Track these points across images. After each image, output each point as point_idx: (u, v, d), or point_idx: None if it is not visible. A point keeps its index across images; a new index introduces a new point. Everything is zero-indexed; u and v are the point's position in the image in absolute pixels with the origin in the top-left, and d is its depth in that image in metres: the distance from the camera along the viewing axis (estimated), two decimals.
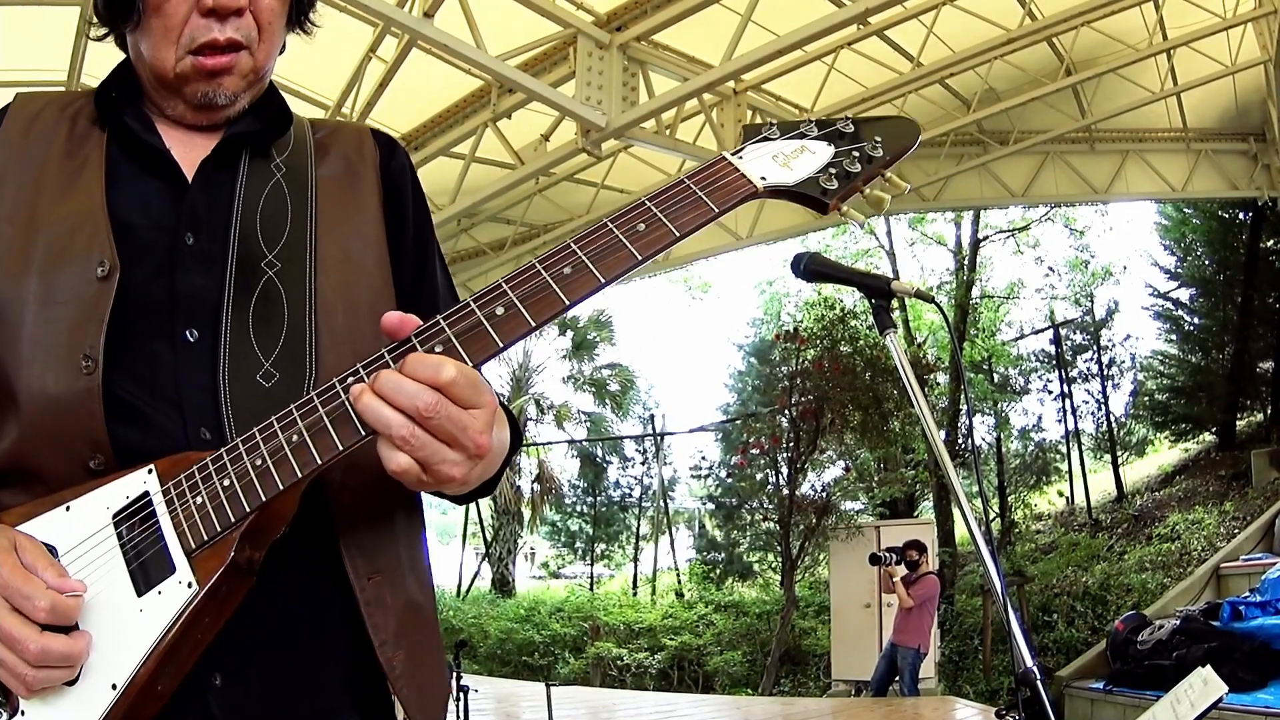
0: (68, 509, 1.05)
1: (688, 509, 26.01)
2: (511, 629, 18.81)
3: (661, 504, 23.96)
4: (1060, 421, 20.60)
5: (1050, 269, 21.49)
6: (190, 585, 1.00)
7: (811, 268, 2.19)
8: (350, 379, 1.02)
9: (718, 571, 21.34)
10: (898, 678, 10.39)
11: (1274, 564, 9.53)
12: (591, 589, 22.81)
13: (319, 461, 1.00)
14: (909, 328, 19.70)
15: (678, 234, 1.05)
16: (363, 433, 1.00)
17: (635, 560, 24.44)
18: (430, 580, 1.27)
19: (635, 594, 21.93)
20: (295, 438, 1.01)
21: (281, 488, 1.01)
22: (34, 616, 0.96)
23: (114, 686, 0.99)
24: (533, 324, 1.02)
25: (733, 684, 16.01)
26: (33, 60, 8.16)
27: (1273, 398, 17.22)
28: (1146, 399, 20.62)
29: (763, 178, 1.09)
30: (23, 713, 1.00)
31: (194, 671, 1.04)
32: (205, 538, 1.02)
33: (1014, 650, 1.68)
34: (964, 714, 9.35)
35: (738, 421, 20.22)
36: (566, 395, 24.39)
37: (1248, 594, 9.41)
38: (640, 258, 1.04)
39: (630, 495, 25.78)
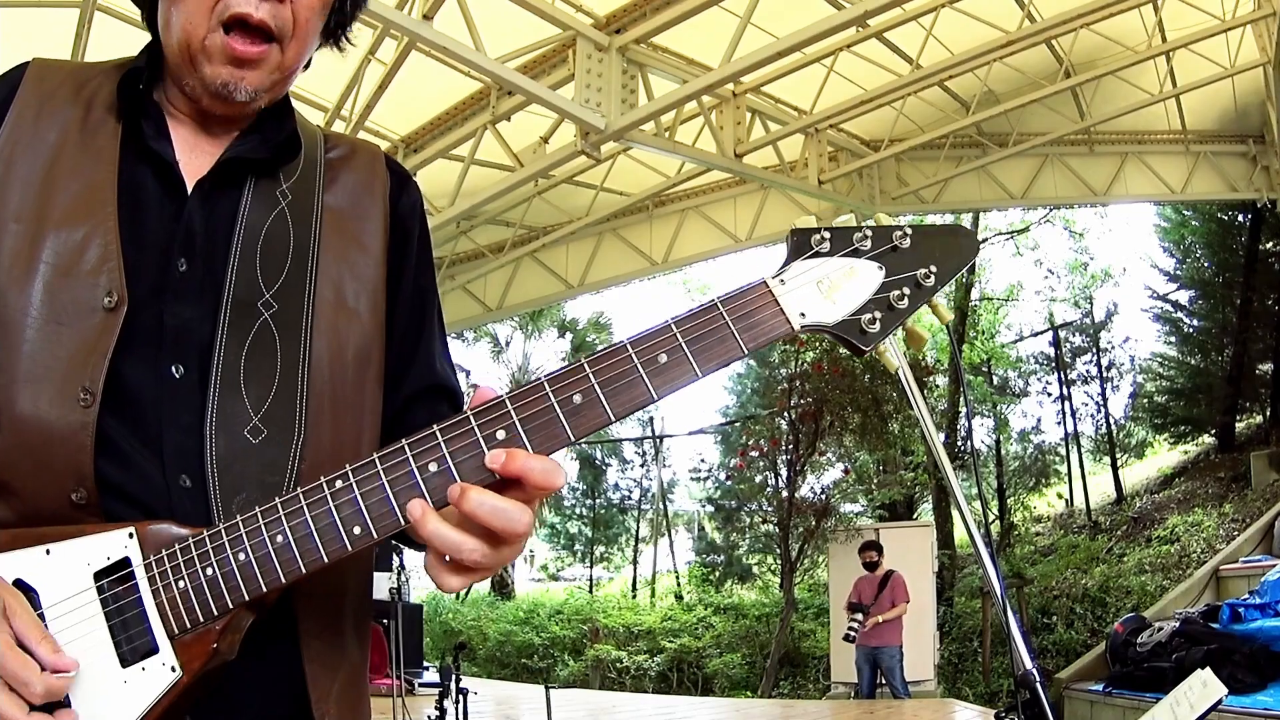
0: (48, 552, 1.02)
1: (687, 511, 26.04)
2: (511, 631, 18.81)
3: (661, 506, 23.98)
4: (1059, 424, 20.66)
5: (1049, 271, 21.56)
6: (174, 670, 0.99)
7: None
8: (363, 468, 0.97)
9: (717, 574, 21.35)
10: (882, 680, 10.45)
11: (1273, 566, 9.52)
12: (591, 591, 22.83)
13: (302, 570, 0.98)
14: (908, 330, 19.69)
15: (700, 374, 0.98)
16: (375, 536, 0.98)
17: (634, 563, 24.47)
18: (369, 636, 1.24)
19: (634, 596, 21.95)
20: (280, 538, 0.98)
21: (265, 589, 0.99)
22: (29, 699, 0.94)
23: None
24: (573, 438, 0.98)
25: (732, 686, 16.02)
26: None
27: (1272, 400, 17.23)
28: (1146, 401, 20.64)
29: (802, 314, 1.01)
30: None
31: None
32: (188, 625, 1.00)
33: (1013, 652, 1.68)
34: (963, 716, 9.35)
35: (737, 424, 20.24)
36: None
37: (1247, 596, 9.40)
38: (656, 397, 0.98)
39: (629, 498, 25.80)
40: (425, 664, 12.07)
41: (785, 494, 13.25)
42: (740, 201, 12.70)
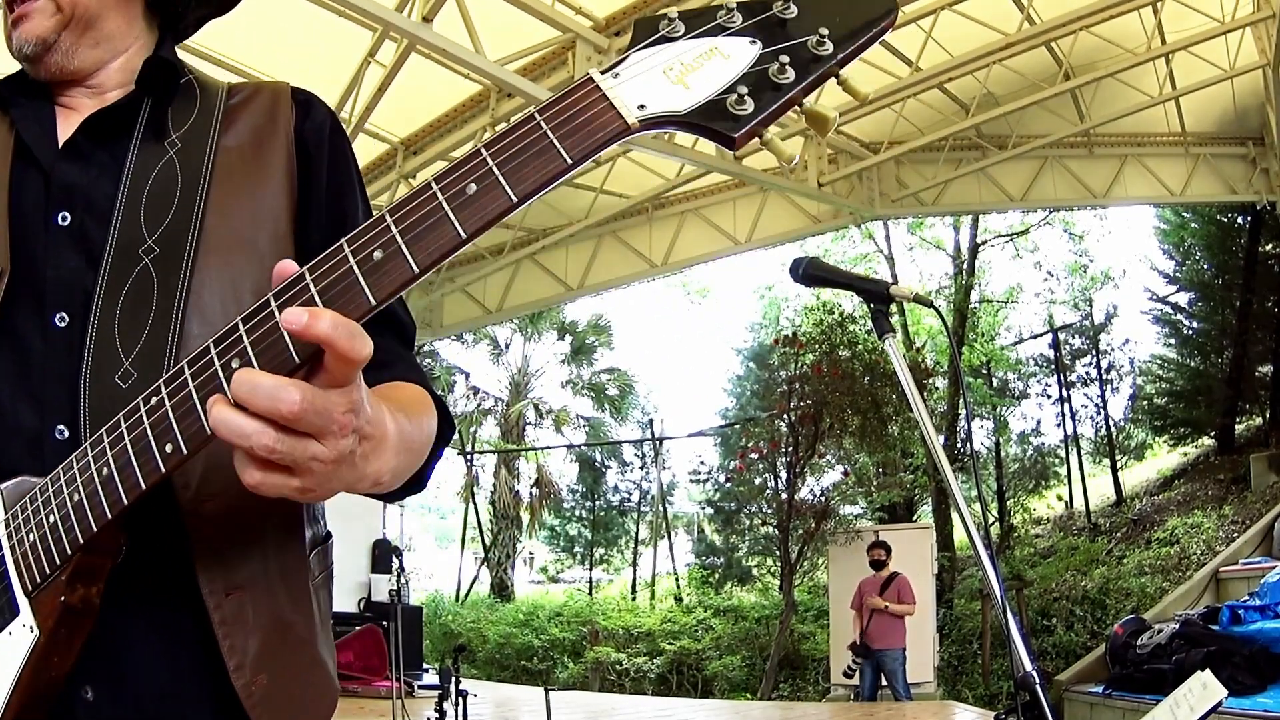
0: None
1: (686, 513, 26.00)
2: (510, 633, 18.79)
3: (660, 508, 23.95)
4: (1059, 426, 20.64)
5: (1049, 273, 21.56)
6: (32, 630, 0.96)
7: (810, 272, 2.19)
8: (173, 379, 0.89)
9: (716, 576, 21.34)
10: (883, 683, 10.45)
11: (1273, 568, 9.53)
12: (590, 593, 22.80)
13: (124, 501, 0.91)
14: (908, 332, 19.71)
15: (514, 198, 0.81)
16: (185, 450, 0.88)
17: (634, 565, 24.44)
18: (309, 596, 1.16)
19: (634, 598, 21.92)
20: (104, 471, 0.92)
21: (95, 528, 0.93)
22: None
23: None
24: (374, 301, 0.83)
25: (731, 688, 16.00)
26: None
27: (1271, 402, 17.23)
28: (1145, 403, 20.63)
29: (641, 105, 0.82)
30: None
31: (65, 688, 1.01)
32: (39, 580, 0.96)
33: (1013, 654, 1.68)
34: (963, 718, 9.35)
35: (736, 426, 20.23)
36: (565, 400, 24.41)
37: (1247, 598, 9.41)
38: (464, 234, 0.82)
39: (629, 500, 25.77)
40: (425, 666, 12.07)
41: (785, 496, 13.24)
42: (740, 204, 12.71)
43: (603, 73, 0.83)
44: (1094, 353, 20.85)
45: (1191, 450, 19.07)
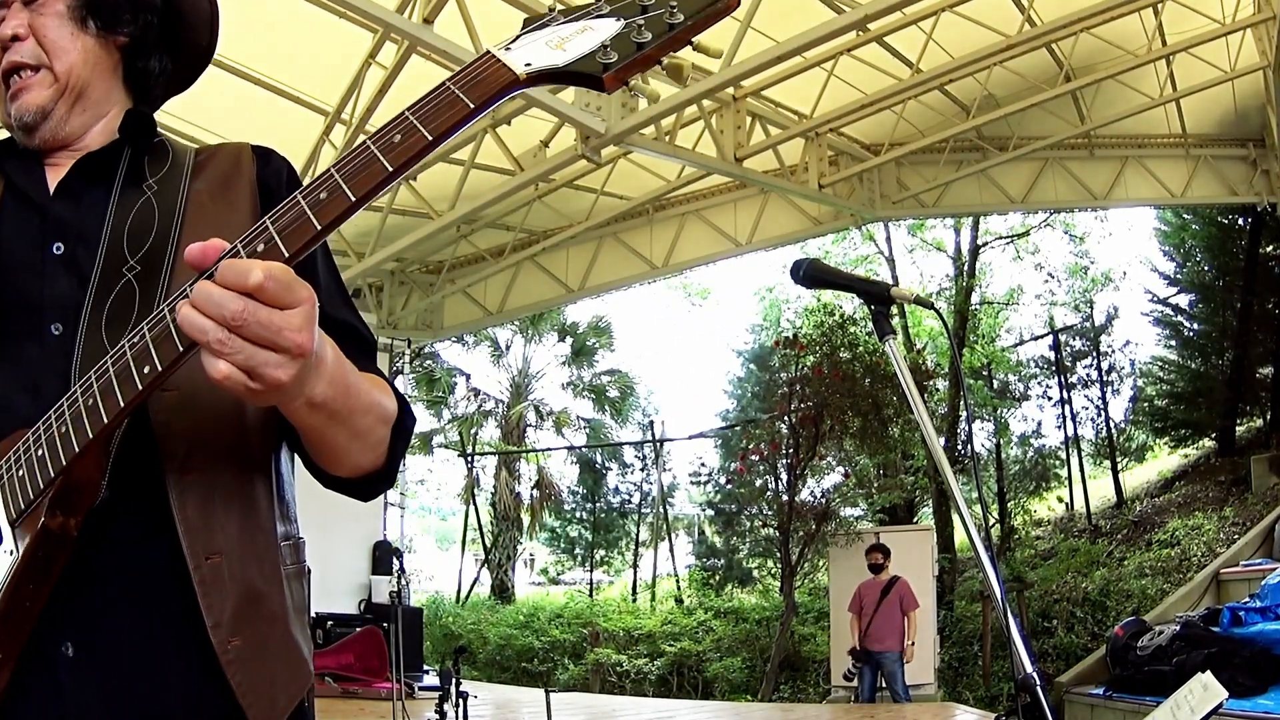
0: None
1: (687, 515, 26.01)
2: (511, 635, 18.78)
3: (661, 510, 23.95)
4: (1060, 427, 20.63)
5: (1050, 275, 21.54)
6: (11, 553, 1.09)
7: (811, 274, 2.19)
8: (154, 319, 1.06)
9: (717, 578, 21.33)
10: (882, 684, 10.46)
11: (1274, 569, 9.53)
12: (591, 595, 22.79)
13: (104, 420, 1.06)
14: (908, 334, 19.70)
15: (431, 137, 1.03)
16: (160, 368, 1.04)
17: (635, 566, 24.43)
18: (280, 574, 1.30)
19: (635, 600, 21.91)
20: (90, 400, 1.07)
21: (77, 449, 1.07)
22: None
23: None
24: (285, 253, 1.02)
25: (732, 690, 16.00)
26: None
27: (1272, 403, 17.23)
28: (1146, 405, 20.63)
29: (527, 64, 1.05)
30: None
31: (46, 642, 1.14)
32: (23, 506, 1.10)
33: (1013, 656, 1.68)
34: None
35: (737, 428, 20.23)
36: (566, 401, 24.41)
37: (1248, 599, 9.40)
38: (390, 168, 1.03)
39: (630, 501, 25.77)
40: (425, 667, 12.07)
41: (785, 498, 13.23)
42: (740, 205, 12.70)
43: (499, 47, 1.07)
44: (1095, 354, 20.84)
45: (1192, 452, 19.07)
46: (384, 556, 12.33)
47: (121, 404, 1.05)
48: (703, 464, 22.88)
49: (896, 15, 8.05)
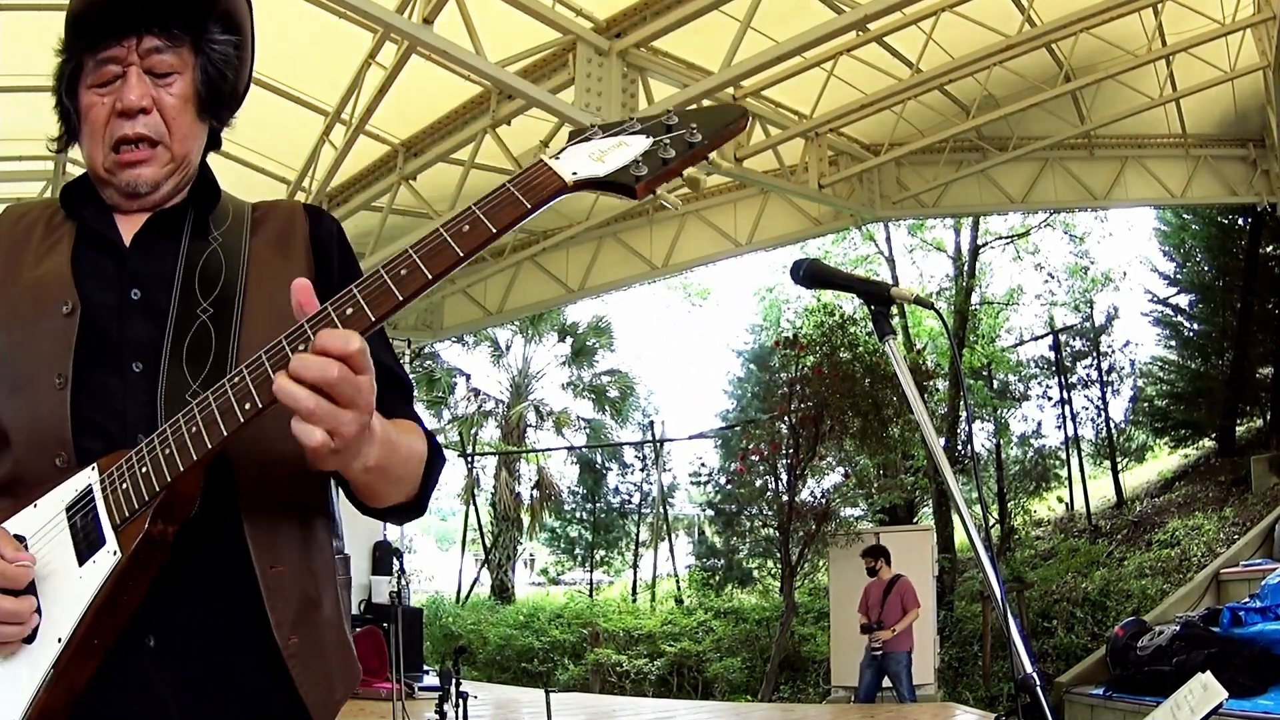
0: (36, 506, 1.32)
1: (687, 515, 26.02)
2: (511, 635, 18.79)
3: (661, 510, 23.95)
4: (1060, 428, 20.63)
5: (1050, 275, 21.54)
6: (115, 553, 1.25)
7: (811, 274, 2.19)
8: (245, 370, 1.22)
9: (717, 578, 21.32)
10: (888, 686, 10.43)
11: (1274, 569, 9.52)
12: (591, 595, 22.79)
13: (208, 446, 1.22)
14: (908, 334, 19.70)
15: (494, 230, 1.22)
16: (260, 405, 1.20)
17: (635, 566, 24.43)
18: (333, 586, 1.50)
19: (635, 600, 21.91)
20: (194, 429, 1.23)
21: (182, 469, 1.23)
22: None
23: (59, 640, 1.25)
24: (371, 318, 1.19)
25: (732, 690, 16.00)
26: (33, 64, 8.17)
27: (1272, 403, 17.22)
28: (1146, 405, 20.62)
29: (574, 173, 1.22)
30: None
31: (132, 635, 1.29)
32: (127, 514, 1.26)
33: (1013, 656, 1.68)
34: None
35: (737, 428, 20.22)
36: (566, 401, 24.40)
37: (1248, 599, 9.40)
38: (462, 254, 1.22)
39: (630, 502, 25.77)
40: (425, 668, 12.07)
41: (785, 498, 13.23)
42: (740, 206, 12.70)
43: (550, 157, 1.25)
44: (1094, 354, 20.84)
45: (1192, 452, 19.06)
46: (384, 557, 12.34)
47: (225, 433, 1.21)
48: (703, 464, 22.90)
49: (896, 15, 8.04)
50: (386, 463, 1.30)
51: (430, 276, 1.21)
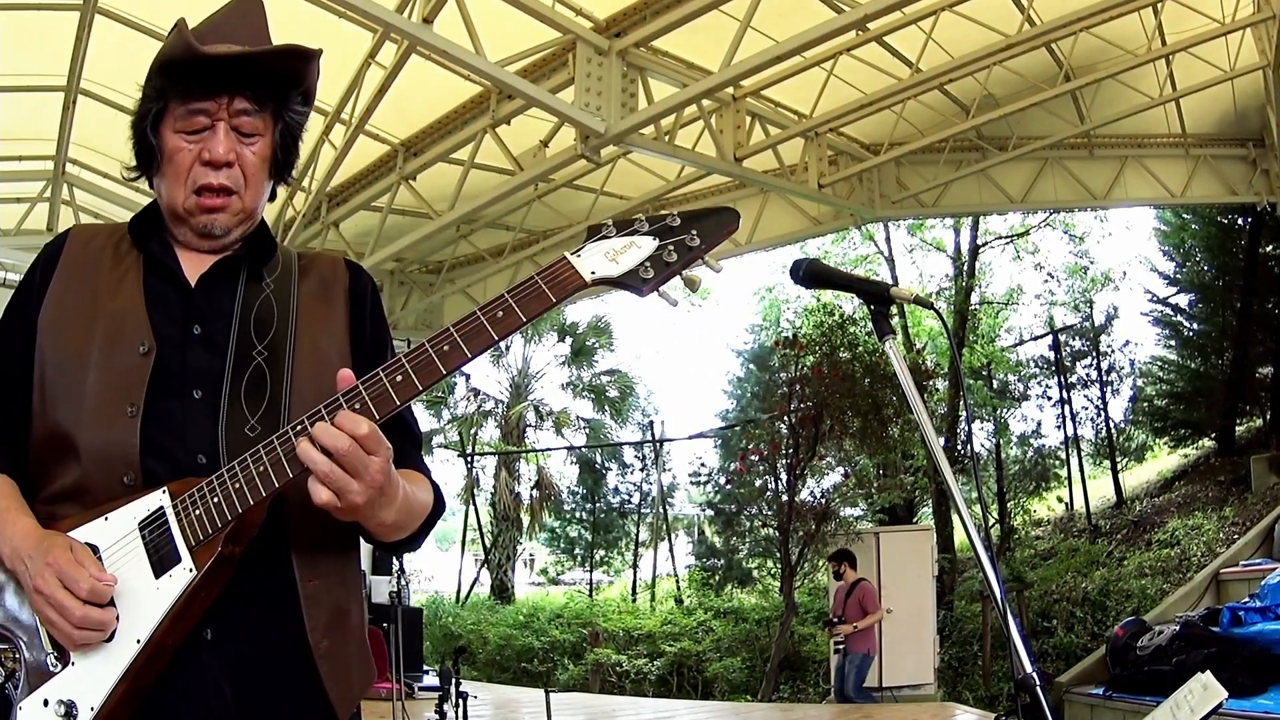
0: (107, 519, 1.50)
1: (687, 515, 26.03)
2: (510, 635, 18.80)
3: (661, 510, 23.97)
4: (1059, 427, 20.65)
5: (1049, 275, 21.55)
6: (191, 570, 1.46)
7: (811, 274, 2.18)
8: (299, 425, 1.43)
9: (717, 578, 21.33)
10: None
11: (1274, 569, 9.53)
12: (591, 595, 22.80)
13: (275, 485, 1.44)
14: (908, 334, 19.71)
15: (524, 319, 1.42)
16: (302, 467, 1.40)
17: (634, 566, 24.45)
18: (360, 597, 1.74)
19: (634, 600, 21.93)
20: (262, 469, 1.44)
21: (252, 503, 1.44)
22: (77, 594, 1.42)
23: (138, 641, 1.45)
24: (419, 387, 1.42)
25: (732, 690, 16.01)
26: (33, 64, 8.18)
27: (1272, 403, 17.23)
28: (1146, 405, 20.62)
29: (593, 272, 1.42)
30: (74, 663, 1.46)
31: (194, 630, 1.49)
32: (202, 537, 1.46)
33: (1013, 656, 1.68)
34: None
35: (737, 428, 20.22)
36: (565, 401, 24.42)
37: (1247, 599, 9.40)
38: (496, 338, 1.41)
39: (629, 501, 25.79)
40: (425, 668, 12.07)
41: (785, 498, 13.24)
42: (740, 205, 12.66)
43: (572, 254, 1.44)
44: (1094, 354, 20.85)
45: (1192, 452, 19.06)
46: (383, 557, 12.32)
47: (290, 474, 1.42)
48: (702, 464, 22.91)
49: (896, 15, 8.03)
50: (402, 520, 1.55)
51: (469, 354, 1.41)
